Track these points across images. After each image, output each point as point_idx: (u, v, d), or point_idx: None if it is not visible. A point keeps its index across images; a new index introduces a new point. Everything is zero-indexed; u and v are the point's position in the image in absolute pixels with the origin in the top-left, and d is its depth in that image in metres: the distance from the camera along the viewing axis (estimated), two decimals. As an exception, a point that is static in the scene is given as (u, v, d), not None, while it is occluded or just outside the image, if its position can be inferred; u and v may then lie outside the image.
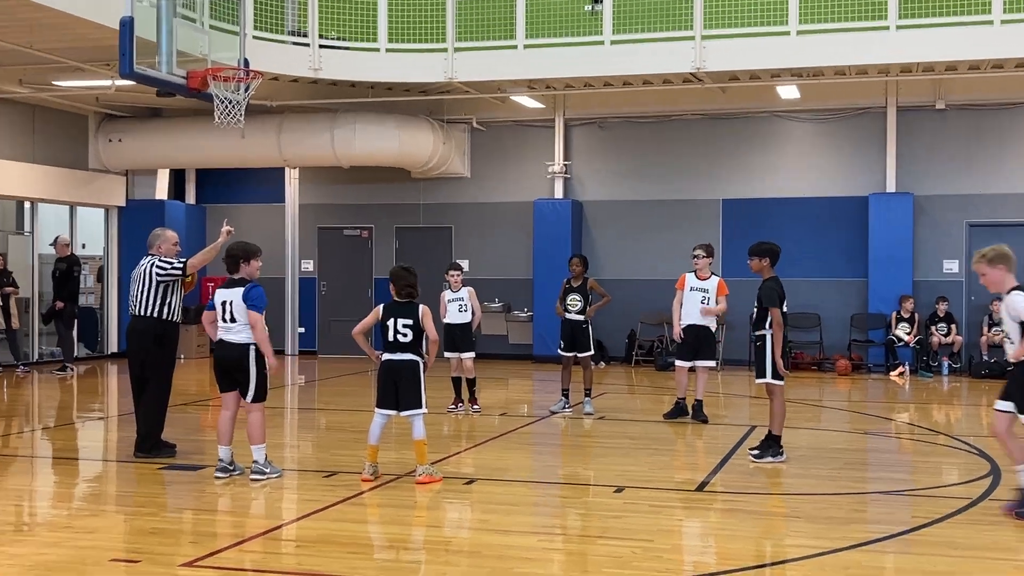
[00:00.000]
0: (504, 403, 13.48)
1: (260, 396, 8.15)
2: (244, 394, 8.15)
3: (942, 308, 16.82)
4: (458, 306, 12.06)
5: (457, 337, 12.02)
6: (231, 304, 8.03)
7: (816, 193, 17.79)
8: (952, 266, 17.21)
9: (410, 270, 8.24)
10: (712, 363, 11.78)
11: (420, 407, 8.04)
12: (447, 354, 12.03)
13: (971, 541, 6.47)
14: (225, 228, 9.14)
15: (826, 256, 17.64)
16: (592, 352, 12.17)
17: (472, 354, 12.06)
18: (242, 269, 8.14)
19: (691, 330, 11.42)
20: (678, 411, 11.48)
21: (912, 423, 11.97)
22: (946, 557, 6.14)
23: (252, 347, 8.04)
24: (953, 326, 16.83)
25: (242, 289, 8.04)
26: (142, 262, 9.11)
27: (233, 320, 8.03)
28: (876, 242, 17.11)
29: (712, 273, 11.60)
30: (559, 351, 12.20)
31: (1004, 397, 7.02)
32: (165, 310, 9.03)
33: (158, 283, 8.97)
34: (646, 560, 5.99)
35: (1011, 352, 7.00)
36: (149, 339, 9.01)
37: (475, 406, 12.07)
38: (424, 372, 8.09)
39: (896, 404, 13.90)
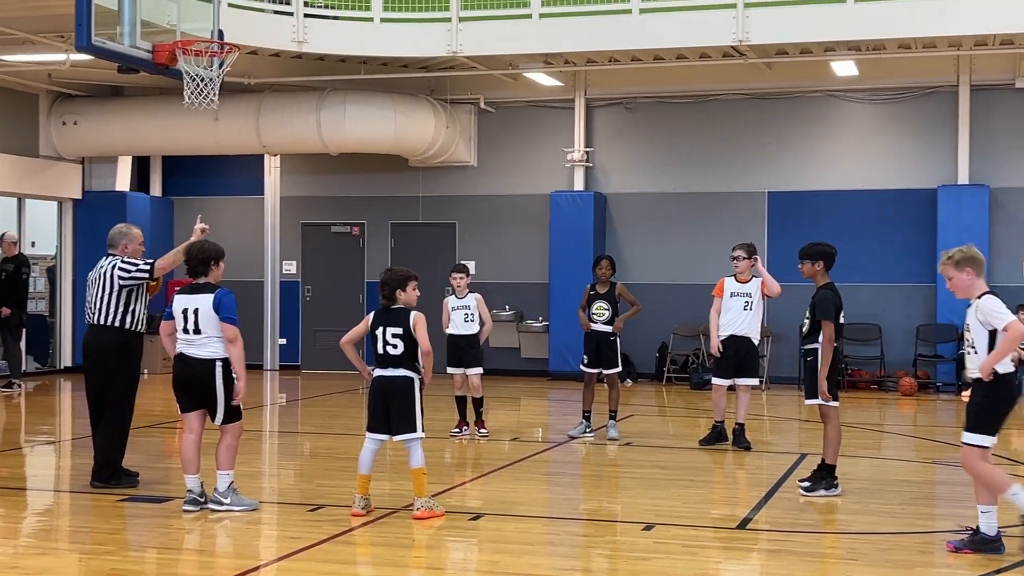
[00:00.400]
0: (516, 426, 13.49)
1: (233, 416, 8.16)
2: (212, 416, 8.14)
3: (1023, 318, 16.75)
4: (464, 315, 12.07)
5: (462, 350, 12.03)
6: (196, 313, 8.03)
7: (876, 185, 17.75)
8: (1034, 269, 17.19)
9: (395, 269, 8.23)
10: (755, 381, 11.76)
11: (416, 431, 8.03)
12: (450, 370, 12.05)
13: (1056, 588, 6.46)
14: (199, 226, 9.18)
15: (888, 258, 17.60)
16: (620, 369, 12.18)
17: (479, 370, 12.06)
18: (211, 273, 8.16)
19: (732, 343, 11.38)
20: (716, 436, 11.47)
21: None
22: (1027, 607, 6.12)
23: (219, 363, 8.04)
24: (1035, 339, 16.76)
25: (211, 296, 8.04)
26: (101, 263, 9.14)
27: (197, 331, 8.03)
28: (946, 242, 16.98)
29: (753, 275, 11.56)
30: (582, 367, 12.20)
31: (971, 428, 7.23)
32: (128, 318, 9.05)
33: (120, 288, 8.99)
34: (679, 609, 5.99)
35: (973, 365, 7.18)
36: (110, 352, 9.04)
37: (482, 430, 12.08)
38: (421, 390, 8.09)
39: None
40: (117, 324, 9.01)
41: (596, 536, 7.86)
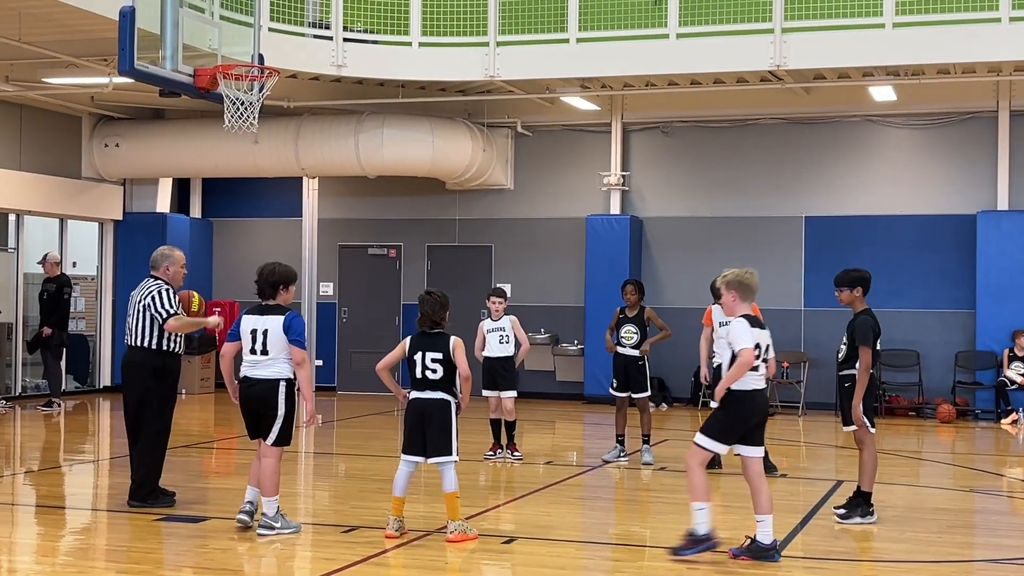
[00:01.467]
0: (550, 450, 13.48)
1: (283, 440, 8.22)
2: (266, 435, 8.18)
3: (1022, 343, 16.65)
4: (499, 337, 12.10)
5: (497, 373, 12.06)
6: (265, 334, 8.07)
7: (915, 211, 17.67)
8: (1076, 296, 17.01)
9: (435, 295, 8.21)
10: None
11: (451, 454, 8.04)
12: (485, 392, 12.07)
13: (1095, 620, 6.39)
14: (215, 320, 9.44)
15: (926, 284, 17.50)
16: (649, 392, 12.18)
17: (514, 393, 12.08)
18: (280, 296, 8.21)
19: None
20: (712, 462, 11.28)
21: (1027, 480, 11.83)
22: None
23: (283, 383, 8.10)
24: (1076, 367, 16.63)
25: (281, 318, 8.09)
26: (142, 285, 9.23)
27: (265, 352, 8.08)
28: (985, 268, 16.95)
29: None
30: (611, 390, 12.21)
31: (703, 431, 7.69)
32: (165, 340, 9.14)
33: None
34: (712, 635, 5.97)
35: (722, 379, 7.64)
36: (147, 373, 9.13)
37: (515, 453, 12.09)
38: (457, 414, 8.11)
39: (1008, 457, 13.72)
40: (154, 346, 9.10)
41: (628, 561, 7.84)
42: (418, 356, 8.05)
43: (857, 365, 8.93)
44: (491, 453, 12.10)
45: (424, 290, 8.39)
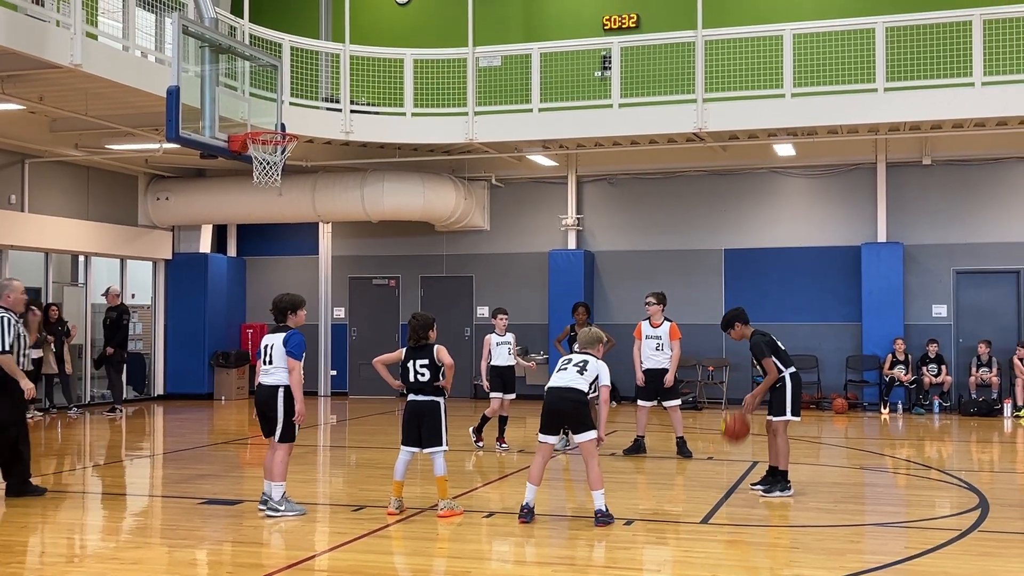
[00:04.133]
0: (522, 441, 13.42)
1: (287, 437, 8.08)
2: (271, 432, 8.09)
3: (932, 350, 16.72)
4: (507, 349, 12.05)
5: (507, 379, 12.05)
6: (272, 348, 8.04)
7: (812, 243, 17.77)
8: (941, 310, 17.13)
9: (419, 317, 8.19)
10: (678, 401, 11.79)
11: (441, 444, 8.02)
12: (494, 395, 11.96)
13: (962, 570, 6.39)
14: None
15: (822, 302, 17.58)
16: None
17: (513, 395, 12.16)
18: (289, 319, 8.16)
19: (651, 374, 11.59)
20: (636, 448, 11.50)
21: (906, 458, 11.84)
22: (937, 586, 6.06)
23: (281, 388, 8.01)
24: (943, 367, 16.72)
25: (283, 334, 8.05)
26: None
27: (271, 363, 8.03)
28: (869, 288, 17.06)
29: (665, 319, 11.66)
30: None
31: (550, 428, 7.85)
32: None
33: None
34: (654, 589, 5.93)
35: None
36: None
37: (503, 444, 11.98)
38: (446, 411, 8.08)
39: (890, 440, 13.77)
40: None
41: (585, 530, 7.80)
42: (410, 364, 8.07)
43: (781, 372, 8.98)
44: (504, 445, 11.92)
45: (412, 313, 8.39)
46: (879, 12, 15.42)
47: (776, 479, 8.98)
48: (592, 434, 7.78)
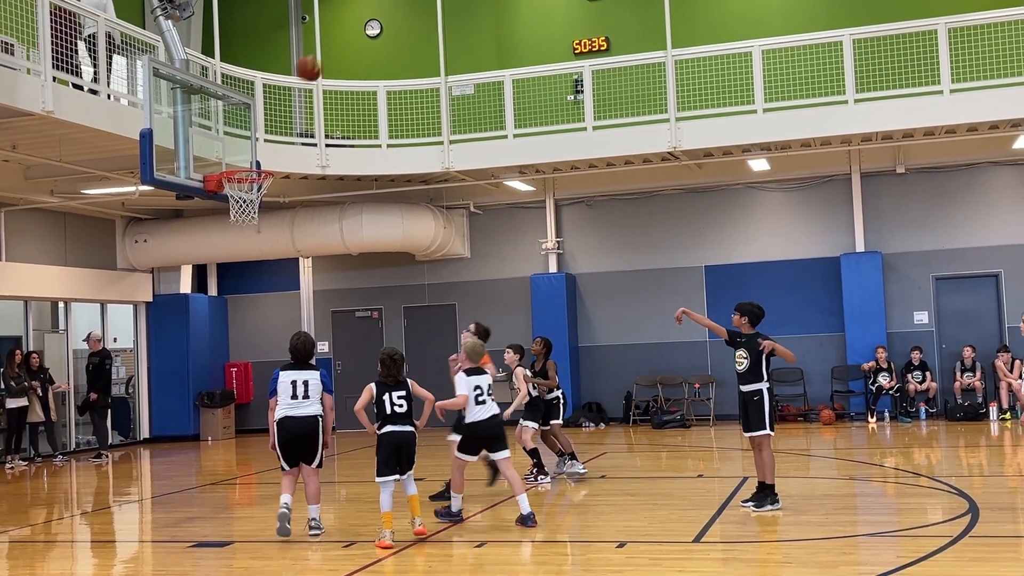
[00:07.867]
0: (515, 464, 13.35)
1: (321, 462, 8.64)
2: (310, 461, 8.51)
3: (916, 356, 16.80)
4: (532, 384, 11.68)
5: (548, 411, 11.68)
6: (307, 384, 8.49)
7: (791, 256, 17.87)
8: (922, 317, 17.23)
9: (395, 358, 8.36)
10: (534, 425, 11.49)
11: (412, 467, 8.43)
12: (542, 427, 11.59)
13: (954, 577, 6.40)
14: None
15: (804, 313, 17.65)
16: (560, 421, 11.81)
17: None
18: (312, 357, 8.76)
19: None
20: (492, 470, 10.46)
21: (895, 467, 11.87)
22: (931, 594, 6.06)
23: (320, 418, 8.53)
24: (928, 373, 16.79)
25: (318, 372, 8.60)
26: None
27: (307, 397, 8.49)
28: (850, 298, 17.15)
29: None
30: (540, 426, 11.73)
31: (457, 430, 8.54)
32: None
33: None
34: (649, 611, 5.91)
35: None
36: None
37: (542, 477, 11.41)
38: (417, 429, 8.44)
39: (879, 449, 13.80)
40: None
41: (578, 555, 7.77)
42: (386, 397, 8.30)
43: (759, 381, 8.98)
44: (544, 476, 11.39)
45: (383, 352, 8.42)
46: (846, 24, 15.62)
47: (765, 493, 8.98)
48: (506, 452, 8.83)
